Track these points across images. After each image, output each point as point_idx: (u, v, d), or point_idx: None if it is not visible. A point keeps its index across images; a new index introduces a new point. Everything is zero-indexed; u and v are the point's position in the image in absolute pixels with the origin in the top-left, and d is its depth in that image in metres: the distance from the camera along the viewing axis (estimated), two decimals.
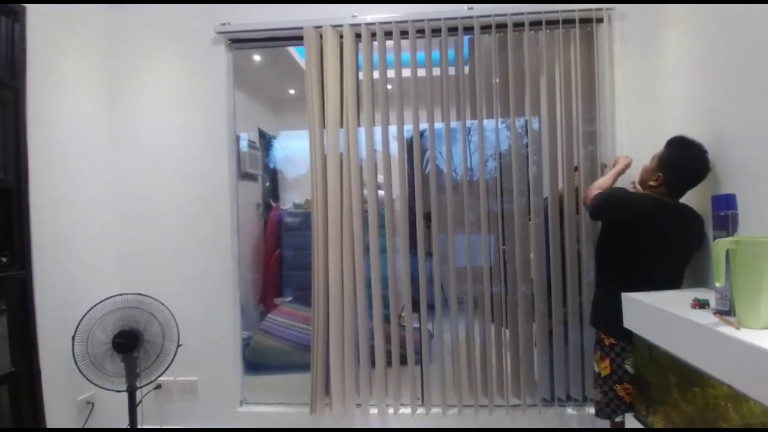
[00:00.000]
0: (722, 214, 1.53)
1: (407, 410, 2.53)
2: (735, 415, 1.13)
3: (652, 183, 1.83)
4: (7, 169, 1.98)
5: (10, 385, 1.98)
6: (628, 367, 1.76)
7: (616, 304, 1.69)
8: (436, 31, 2.46)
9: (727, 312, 1.28)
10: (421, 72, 2.46)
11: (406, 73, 2.49)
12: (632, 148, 2.24)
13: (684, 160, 1.77)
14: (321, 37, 2.48)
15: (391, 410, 2.54)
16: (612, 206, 1.83)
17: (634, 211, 1.77)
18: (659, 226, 1.75)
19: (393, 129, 2.49)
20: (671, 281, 1.77)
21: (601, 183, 2.01)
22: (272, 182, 4.80)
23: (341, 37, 2.48)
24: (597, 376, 1.89)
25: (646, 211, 1.75)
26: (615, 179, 2.04)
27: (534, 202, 2.43)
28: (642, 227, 1.76)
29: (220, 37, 2.59)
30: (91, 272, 2.45)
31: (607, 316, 1.85)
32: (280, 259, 4.47)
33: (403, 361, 2.54)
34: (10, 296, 1.99)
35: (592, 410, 2.30)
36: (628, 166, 2.09)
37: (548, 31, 2.40)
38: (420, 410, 2.51)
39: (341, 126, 2.47)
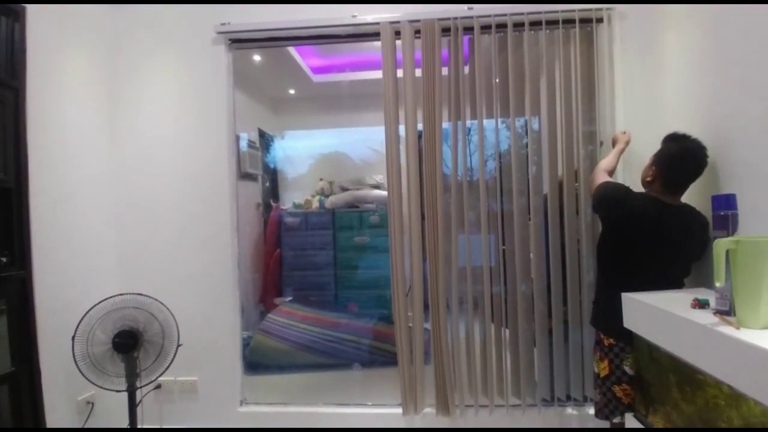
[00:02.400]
0: (722, 214, 1.54)
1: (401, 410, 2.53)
2: (735, 415, 1.13)
3: (648, 179, 1.83)
4: (7, 169, 1.98)
5: (10, 385, 1.98)
6: (626, 368, 1.76)
7: (615, 305, 1.69)
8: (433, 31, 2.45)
9: (727, 312, 1.27)
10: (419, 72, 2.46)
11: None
12: (632, 148, 2.24)
13: (676, 152, 1.76)
14: (397, 33, 2.46)
15: (388, 410, 2.54)
16: (608, 204, 1.86)
17: (629, 210, 1.77)
18: (657, 227, 1.74)
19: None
20: (672, 282, 1.75)
21: (606, 164, 2.05)
22: (272, 182, 4.81)
23: (417, 32, 2.46)
24: (596, 377, 1.89)
25: (643, 211, 1.75)
26: (618, 158, 2.13)
27: (534, 201, 2.43)
28: (639, 228, 1.76)
29: (220, 37, 2.59)
30: (91, 272, 2.45)
31: (606, 316, 1.85)
32: (280, 259, 4.47)
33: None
34: (10, 296, 1.99)
35: (592, 410, 2.31)
36: (627, 143, 2.16)
37: (548, 31, 2.40)
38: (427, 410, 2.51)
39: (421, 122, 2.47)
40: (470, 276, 2.43)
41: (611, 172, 2.04)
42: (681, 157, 1.75)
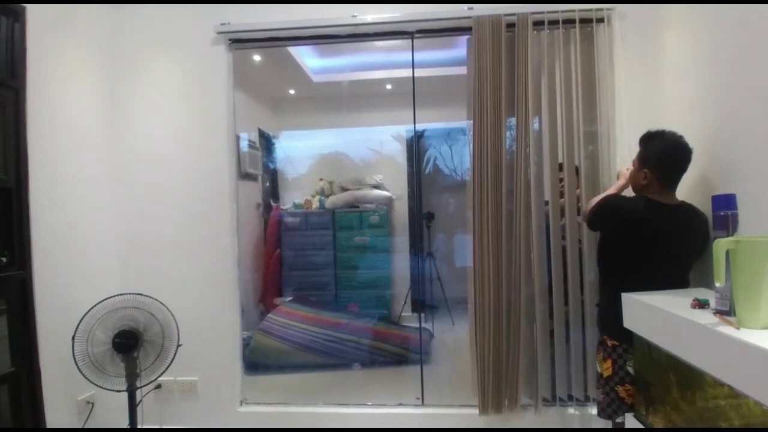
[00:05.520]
0: (722, 214, 1.54)
1: (405, 410, 2.53)
2: (735, 415, 1.13)
3: (643, 182, 1.81)
4: (7, 169, 1.98)
5: (10, 385, 1.98)
6: (629, 369, 1.76)
7: (617, 307, 1.69)
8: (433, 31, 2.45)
9: (727, 312, 1.27)
10: (422, 72, 2.46)
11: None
12: (632, 149, 2.23)
13: (662, 148, 1.77)
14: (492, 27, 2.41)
15: (388, 410, 2.54)
16: (605, 216, 1.85)
17: (627, 216, 1.77)
18: (657, 229, 1.74)
19: (395, 129, 2.47)
20: (674, 283, 1.75)
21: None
22: (272, 182, 4.81)
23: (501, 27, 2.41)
24: (599, 377, 1.89)
25: (640, 214, 1.75)
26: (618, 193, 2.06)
27: (534, 202, 2.43)
28: (638, 231, 1.76)
29: (220, 37, 2.59)
30: (91, 272, 2.45)
31: (609, 318, 1.85)
32: (280, 259, 4.47)
33: (401, 360, 2.53)
34: (10, 296, 1.99)
35: (593, 410, 2.31)
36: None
37: (548, 31, 2.40)
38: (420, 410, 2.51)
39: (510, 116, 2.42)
40: (471, 275, 2.43)
41: None
42: (669, 151, 1.76)
